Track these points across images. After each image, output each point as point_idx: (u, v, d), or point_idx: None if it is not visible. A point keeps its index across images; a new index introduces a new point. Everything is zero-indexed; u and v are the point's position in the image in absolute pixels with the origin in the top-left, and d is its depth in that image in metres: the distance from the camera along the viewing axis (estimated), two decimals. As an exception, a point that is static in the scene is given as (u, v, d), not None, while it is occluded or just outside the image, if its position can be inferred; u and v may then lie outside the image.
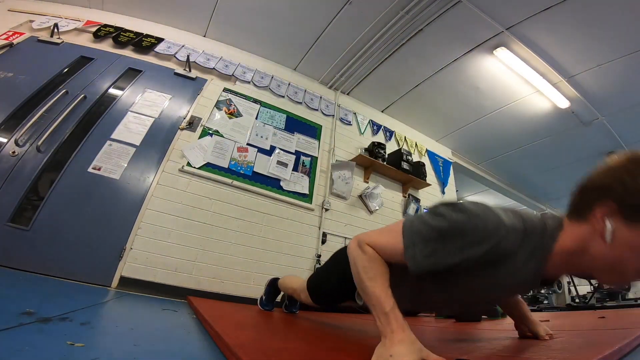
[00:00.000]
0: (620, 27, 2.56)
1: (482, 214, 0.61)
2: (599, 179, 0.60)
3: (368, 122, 3.88)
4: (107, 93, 2.66)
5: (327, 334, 1.15)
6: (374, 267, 0.70)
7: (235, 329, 1.00)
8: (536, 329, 0.94)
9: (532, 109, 3.63)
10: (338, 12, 2.85)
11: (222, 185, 2.66)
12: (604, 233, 0.56)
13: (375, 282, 0.68)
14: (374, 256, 0.72)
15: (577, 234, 0.61)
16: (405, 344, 0.58)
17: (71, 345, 0.60)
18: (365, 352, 0.77)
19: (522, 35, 2.77)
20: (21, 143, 2.18)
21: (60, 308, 1.04)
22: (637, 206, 0.53)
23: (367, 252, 0.72)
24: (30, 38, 2.75)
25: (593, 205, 0.58)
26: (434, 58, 3.22)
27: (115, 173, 2.32)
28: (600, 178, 0.60)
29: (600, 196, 0.58)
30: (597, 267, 0.60)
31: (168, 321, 1.28)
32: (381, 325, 0.63)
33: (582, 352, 0.69)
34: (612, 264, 0.57)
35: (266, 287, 1.83)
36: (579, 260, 0.61)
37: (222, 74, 3.17)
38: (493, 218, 0.61)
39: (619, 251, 0.55)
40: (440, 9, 2.65)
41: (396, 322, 0.62)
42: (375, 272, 0.70)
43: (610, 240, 0.55)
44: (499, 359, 0.67)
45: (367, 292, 0.69)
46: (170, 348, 0.78)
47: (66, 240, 2.03)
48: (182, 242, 2.35)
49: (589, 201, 0.60)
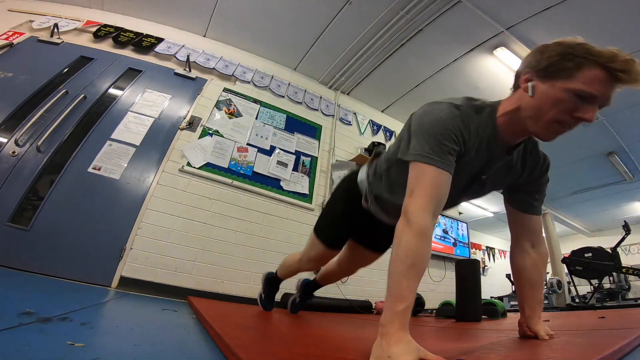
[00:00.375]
0: (620, 27, 2.56)
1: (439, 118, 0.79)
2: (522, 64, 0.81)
3: (368, 122, 3.88)
4: (107, 93, 2.66)
5: (328, 334, 1.15)
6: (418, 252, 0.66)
7: (235, 329, 1.00)
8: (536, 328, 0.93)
9: (532, 109, 3.63)
10: (338, 12, 2.85)
11: (222, 185, 2.66)
12: (527, 89, 0.76)
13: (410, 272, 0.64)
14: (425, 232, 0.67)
15: (513, 98, 0.81)
16: (402, 343, 0.58)
17: (71, 345, 0.60)
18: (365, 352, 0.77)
19: (522, 35, 2.77)
20: (21, 143, 2.18)
21: (60, 308, 1.04)
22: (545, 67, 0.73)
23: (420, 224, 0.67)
24: (30, 38, 2.75)
25: (520, 76, 0.79)
26: (434, 58, 3.22)
27: (115, 173, 2.32)
28: (524, 60, 0.81)
29: (523, 69, 0.79)
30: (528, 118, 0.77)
31: (168, 321, 1.28)
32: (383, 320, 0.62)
33: (582, 352, 0.69)
34: (536, 112, 0.75)
35: (263, 283, 1.78)
36: (517, 116, 0.79)
37: (222, 74, 3.17)
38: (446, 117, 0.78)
39: (539, 101, 0.74)
40: (440, 9, 2.65)
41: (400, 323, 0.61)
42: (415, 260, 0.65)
43: (532, 93, 0.75)
44: (499, 359, 0.67)
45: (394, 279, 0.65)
46: (170, 348, 0.78)
47: (66, 240, 2.03)
48: (182, 242, 2.35)
49: (518, 75, 0.81)
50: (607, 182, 5.01)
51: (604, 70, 0.68)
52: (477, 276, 2.09)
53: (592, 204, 6.01)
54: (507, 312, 2.20)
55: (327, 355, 0.72)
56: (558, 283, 4.61)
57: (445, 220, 3.99)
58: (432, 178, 0.72)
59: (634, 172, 4.60)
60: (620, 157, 4.28)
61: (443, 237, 3.88)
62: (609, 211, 6.36)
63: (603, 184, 5.06)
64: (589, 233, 7.73)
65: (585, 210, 6.41)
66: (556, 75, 0.71)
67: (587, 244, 5.01)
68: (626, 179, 4.74)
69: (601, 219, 6.83)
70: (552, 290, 4.64)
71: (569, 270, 4.16)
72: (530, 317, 0.95)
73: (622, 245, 3.96)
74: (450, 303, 2.31)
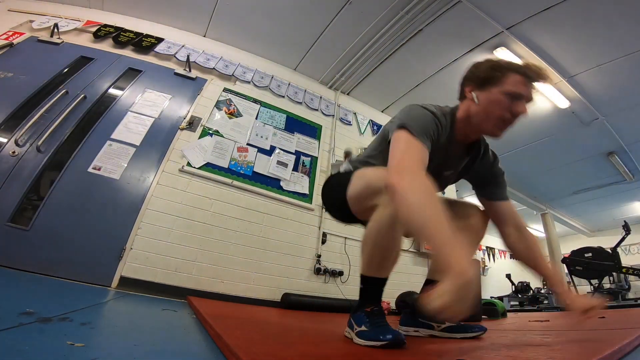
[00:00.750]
0: (620, 27, 2.56)
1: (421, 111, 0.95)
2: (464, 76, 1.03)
3: (368, 122, 3.88)
4: (107, 93, 2.66)
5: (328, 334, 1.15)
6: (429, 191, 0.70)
7: (235, 329, 1.00)
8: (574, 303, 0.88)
9: (532, 109, 3.62)
10: (338, 12, 2.85)
11: (222, 185, 2.66)
12: (473, 99, 0.97)
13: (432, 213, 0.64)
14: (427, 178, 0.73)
15: (462, 108, 1.01)
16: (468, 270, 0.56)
17: (71, 345, 0.60)
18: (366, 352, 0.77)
19: (522, 35, 2.78)
20: (21, 143, 2.18)
21: (60, 308, 1.04)
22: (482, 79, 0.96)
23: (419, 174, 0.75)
24: (30, 38, 2.75)
25: (464, 89, 1.01)
26: (434, 58, 3.22)
27: (115, 173, 2.32)
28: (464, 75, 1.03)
29: (465, 82, 1.02)
30: (478, 121, 0.96)
31: (168, 321, 1.27)
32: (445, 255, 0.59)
33: (582, 352, 0.69)
34: (484, 115, 0.95)
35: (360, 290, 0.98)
36: (470, 121, 0.99)
37: (222, 74, 3.17)
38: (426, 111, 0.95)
39: (483, 106, 0.94)
40: (440, 9, 2.65)
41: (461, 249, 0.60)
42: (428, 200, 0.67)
43: (477, 101, 0.96)
44: (499, 359, 0.67)
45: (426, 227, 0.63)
46: (170, 348, 0.78)
47: (66, 240, 2.03)
48: (182, 242, 2.35)
49: (462, 88, 1.03)
50: (607, 182, 5.01)
51: (522, 75, 0.91)
52: (477, 276, 2.08)
53: (592, 204, 6.01)
54: (507, 312, 2.20)
55: (327, 355, 0.73)
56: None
57: (445, 220, 3.99)
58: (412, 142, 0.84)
59: (634, 172, 4.60)
60: (620, 157, 4.28)
61: (443, 237, 3.88)
62: (609, 211, 6.36)
63: (603, 184, 5.07)
64: (589, 233, 7.73)
65: (585, 210, 6.41)
66: (490, 83, 0.93)
67: (587, 244, 5.02)
68: (626, 179, 4.74)
69: (601, 219, 6.84)
70: (552, 290, 4.63)
71: (569, 270, 4.16)
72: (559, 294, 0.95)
73: (622, 245, 3.96)
74: (450, 303, 2.30)
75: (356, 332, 0.87)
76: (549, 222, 6.10)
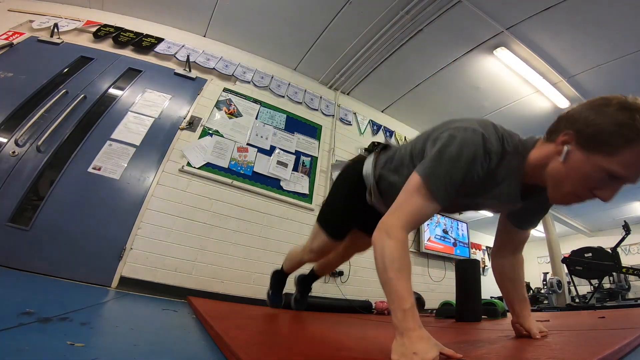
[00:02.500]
0: (620, 27, 2.56)
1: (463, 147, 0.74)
2: (572, 112, 0.72)
3: (368, 122, 3.88)
4: (107, 93, 2.66)
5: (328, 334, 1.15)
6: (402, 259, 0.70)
7: (235, 329, 1.00)
8: (528, 326, 0.95)
9: (532, 108, 3.63)
10: (338, 12, 2.85)
11: (222, 185, 2.66)
12: (561, 153, 0.69)
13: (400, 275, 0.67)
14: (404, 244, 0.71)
15: (543, 152, 0.75)
16: (424, 340, 0.60)
17: (71, 345, 0.60)
18: (366, 352, 0.77)
19: (522, 35, 2.78)
20: (21, 143, 2.18)
21: (60, 308, 1.04)
22: (590, 137, 0.65)
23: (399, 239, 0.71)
24: (30, 38, 2.75)
25: (560, 132, 0.72)
26: (434, 58, 3.22)
27: (115, 173, 2.32)
28: (574, 111, 0.72)
29: (567, 125, 0.71)
30: (549, 180, 0.74)
31: (168, 321, 1.27)
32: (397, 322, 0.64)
33: (582, 352, 0.69)
34: (559, 181, 0.72)
35: (270, 280, 1.79)
36: (541, 173, 0.76)
37: (222, 74, 3.17)
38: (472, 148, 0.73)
39: (567, 171, 0.69)
40: (440, 9, 2.65)
41: (413, 320, 0.63)
42: (402, 265, 0.69)
43: (563, 159, 0.69)
44: (498, 359, 0.67)
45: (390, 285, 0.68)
46: (170, 348, 0.78)
47: (66, 240, 2.03)
48: (182, 242, 2.35)
49: (559, 128, 0.73)
50: (607, 182, 5.00)
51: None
52: (477, 276, 2.09)
53: (592, 204, 5.90)
54: (507, 312, 2.20)
55: (327, 355, 0.72)
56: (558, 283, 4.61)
57: (445, 220, 3.99)
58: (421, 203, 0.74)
59: (634, 172, 4.59)
60: (620, 157, 4.27)
61: (443, 237, 3.88)
62: (609, 211, 6.36)
63: (603, 184, 5.05)
64: (589, 233, 7.73)
65: (585, 210, 6.40)
66: (597, 149, 0.64)
67: (587, 244, 5.01)
68: (626, 179, 4.73)
69: (601, 219, 6.83)
70: (552, 290, 4.64)
71: (569, 270, 4.16)
72: (520, 316, 0.99)
73: (622, 245, 3.96)
74: (450, 303, 2.31)
75: None
76: (549, 222, 6.09)
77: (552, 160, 0.72)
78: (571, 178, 0.68)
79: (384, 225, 0.74)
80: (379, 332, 1.28)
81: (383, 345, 0.72)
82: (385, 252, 0.70)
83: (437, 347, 0.60)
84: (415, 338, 0.60)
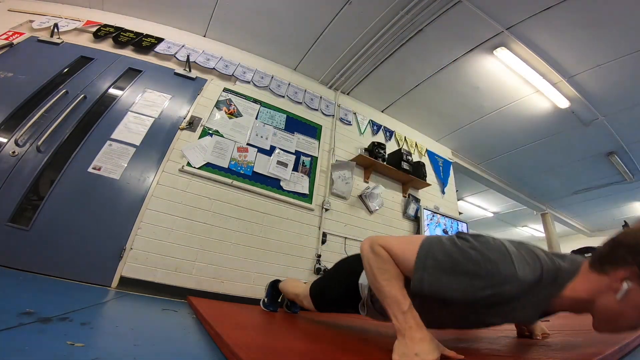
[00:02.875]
0: (620, 27, 2.56)
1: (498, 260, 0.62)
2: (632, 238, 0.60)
3: (368, 122, 3.88)
4: (107, 93, 2.66)
5: (328, 334, 1.15)
6: (389, 269, 0.71)
7: (236, 329, 1.00)
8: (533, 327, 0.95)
9: (532, 109, 3.63)
10: (338, 12, 2.85)
11: (222, 185, 2.66)
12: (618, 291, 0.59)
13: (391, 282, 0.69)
14: (387, 258, 0.72)
15: (592, 285, 0.63)
16: (426, 341, 0.61)
17: (71, 345, 0.60)
18: (366, 352, 0.77)
19: (522, 35, 2.77)
20: (21, 143, 2.18)
21: (60, 308, 1.04)
22: None
23: (381, 254, 0.73)
24: (30, 38, 2.74)
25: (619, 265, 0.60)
26: (434, 58, 3.22)
27: (115, 173, 2.32)
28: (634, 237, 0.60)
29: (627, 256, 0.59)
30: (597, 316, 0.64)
31: (168, 321, 1.27)
32: (398, 323, 0.64)
33: (582, 352, 0.69)
34: (612, 317, 0.61)
35: (267, 289, 1.82)
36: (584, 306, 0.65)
37: (222, 74, 3.17)
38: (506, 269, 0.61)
39: (624, 309, 0.59)
40: (440, 9, 2.65)
41: (414, 321, 0.63)
42: (391, 274, 0.70)
43: (621, 299, 0.58)
44: (498, 359, 0.67)
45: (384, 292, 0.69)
46: (170, 348, 0.78)
47: (66, 240, 2.03)
48: (182, 242, 2.35)
49: (616, 259, 0.61)
50: (607, 182, 5.00)
51: None
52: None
53: (592, 204, 6.00)
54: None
55: (327, 355, 0.73)
56: None
57: (445, 220, 3.99)
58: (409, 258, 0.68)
59: (634, 172, 4.60)
60: (620, 157, 4.27)
61: (443, 237, 3.87)
62: (609, 211, 6.35)
63: (603, 184, 5.06)
64: (589, 233, 7.72)
65: (585, 210, 6.40)
66: None
67: (587, 244, 5.02)
68: (626, 179, 4.73)
69: (601, 219, 6.83)
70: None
71: (569, 270, 4.16)
72: None
73: (622, 245, 3.96)
74: (450, 303, 2.30)
75: None
76: (549, 222, 6.09)
77: (603, 296, 0.61)
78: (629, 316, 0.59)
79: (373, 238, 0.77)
80: (379, 332, 1.28)
81: (384, 346, 0.72)
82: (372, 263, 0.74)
83: (438, 348, 0.60)
84: (417, 339, 0.61)
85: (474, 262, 0.62)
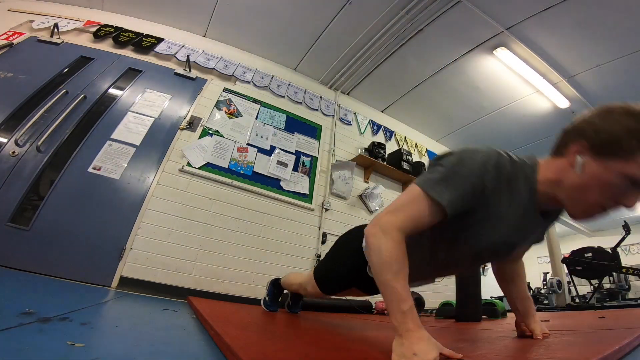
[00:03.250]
0: (620, 27, 2.56)
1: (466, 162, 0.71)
2: (577, 123, 0.71)
3: (368, 122, 3.88)
4: (107, 93, 2.66)
5: (328, 334, 1.15)
6: (399, 260, 0.67)
7: (236, 329, 1.00)
8: (533, 326, 0.95)
9: (532, 109, 3.63)
10: (338, 12, 2.85)
11: (222, 185, 2.66)
12: (575, 165, 0.67)
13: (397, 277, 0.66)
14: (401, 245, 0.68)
15: (555, 167, 0.72)
16: (424, 341, 0.60)
17: (71, 345, 0.60)
18: (366, 352, 0.77)
19: (522, 35, 2.77)
20: (21, 143, 2.18)
21: (60, 308, 1.04)
22: (603, 144, 0.63)
23: (395, 239, 0.68)
24: (30, 38, 2.75)
25: (569, 144, 0.70)
26: (434, 58, 3.22)
27: (115, 173, 2.32)
28: (579, 122, 0.71)
29: (575, 136, 0.69)
30: (567, 196, 0.70)
31: (168, 321, 1.27)
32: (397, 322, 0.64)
33: (582, 352, 0.69)
34: (579, 195, 0.68)
35: (268, 287, 1.81)
36: (558, 190, 0.71)
37: (222, 74, 3.17)
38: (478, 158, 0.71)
39: (585, 181, 0.65)
40: (440, 9, 2.65)
41: (412, 321, 0.63)
42: (399, 267, 0.67)
43: (579, 170, 0.66)
44: (498, 359, 0.67)
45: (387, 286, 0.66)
46: (170, 348, 0.78)
47: (66, 240, 2.03)
48: (182, 242, 2.35)
49: (567, 141, 0.71)
50: (607, 182, 5.00)
51: None
52: (477, 276, 2.09)
53: (592, 204, 6.01)
54: (507, 312, 2.20)
55: (327, 355, 0.72)
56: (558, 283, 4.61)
57: (445, 220, 3.99)
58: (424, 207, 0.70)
59: (634, 172, 4.60)
60: (620, 157, 4.27)
61: (443, 237, 3.88)
62: (609, 211, 6.35)
63: (603, 184, 5.06)
64: (589, 233, 7.73)
65: (585, 210, 6.40)
66: (613, 155, 0.61)
67: (587, 244, 5.01)
68: (626, 179, 4.73)
69: (601, 219, 6.83)
70: (552, 290, 4.64)
71: (569, 270, 4.16)
72: (526, 315, 0.99)
73: (622, 245, 3.96)
74: (450, 303, 2.31)
75: None
76: (549, 222, 6.09)
77: (566, 175, 0.68)
78: (591, 189, 0.65)
79: (381, 222, 0.71)
80: (379, 332, 1.28)
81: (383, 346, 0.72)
82: (382, 253, 0.68)
83: (437, 347, 0.60)
84: (415, 339, 0.61)
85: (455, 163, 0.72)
